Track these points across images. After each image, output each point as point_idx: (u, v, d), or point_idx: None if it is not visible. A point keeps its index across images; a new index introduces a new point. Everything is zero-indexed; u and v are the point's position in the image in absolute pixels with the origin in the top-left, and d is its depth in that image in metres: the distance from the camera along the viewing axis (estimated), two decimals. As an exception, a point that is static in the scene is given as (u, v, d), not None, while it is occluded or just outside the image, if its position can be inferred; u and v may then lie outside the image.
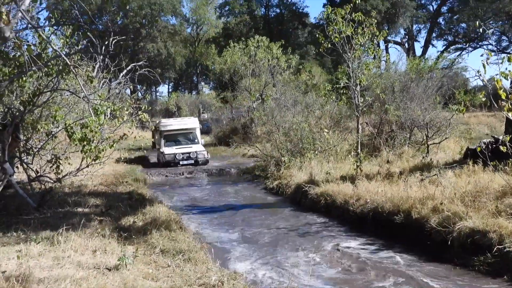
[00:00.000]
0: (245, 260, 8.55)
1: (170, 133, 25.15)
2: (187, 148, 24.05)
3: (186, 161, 23.29)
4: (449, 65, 31.01)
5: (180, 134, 25.42)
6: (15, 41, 7.63)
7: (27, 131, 11.59)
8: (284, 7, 61.38)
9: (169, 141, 24.73)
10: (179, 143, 24.75)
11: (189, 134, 25.65)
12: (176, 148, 23.94)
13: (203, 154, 23.73)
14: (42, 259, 6.80)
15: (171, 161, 23.28)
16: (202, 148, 24.24)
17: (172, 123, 26.25)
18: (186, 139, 25.34)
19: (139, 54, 53.45)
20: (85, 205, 11.43)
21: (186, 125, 25.86)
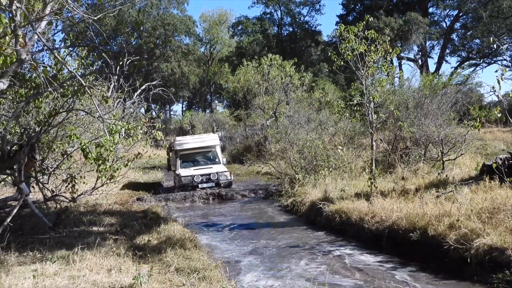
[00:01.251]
0: (260, 279, 8.49)
1: (187, 152, 22.14)
2: (207, 169, 21.11)
3: (206, 183, 20.31)
4: (463, 81, 30.85)
5: (198, 153, 22.47)
6: (31, 63, 7.75)
7: (42, 151, 11.73)
8: (296, 26, 61.79)
9: (186, 161, 21.89)
10: (197, 163, 21.94)
11: (208, 152, 22.74)
12: (194, 170, 21.02)
13: (225, 176, 20.73)
14: (57, 279, 6.82)
15: (188, 184, 20.28)
16: (224, 169, 21.26)
17: (188, 141, 22.79)
18: (205, 158, 22.47)
19: (153, 74, 54.00)
20: (100, 224, 11.47)
21: (204, 143, 22.61)
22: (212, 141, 22.70)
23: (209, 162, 22.13)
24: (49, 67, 9.85)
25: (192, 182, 20.19)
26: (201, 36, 71.45)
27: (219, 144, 22.92)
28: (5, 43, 6.31)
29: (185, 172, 20.84)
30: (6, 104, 11.36)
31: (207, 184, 20.24)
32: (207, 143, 22.58)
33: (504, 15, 44.70)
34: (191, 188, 20.00)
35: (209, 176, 20.45)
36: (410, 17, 45.03)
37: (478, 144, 20.13)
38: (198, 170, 20.87)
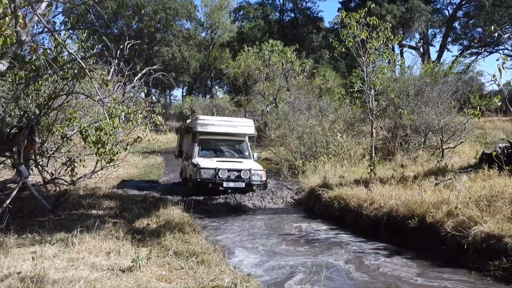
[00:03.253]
0: (256, 265, 8.53)
1: (210, 137, 16.86)
2: (236, 163, 15.67)
3: (234, 182, 15.03)
4: (465, 70, 30.71)
5: (224, 140, 17.18)
6: (31, 45, 7.72)
7: (42, 134, 11.72)
8: (298, 12, 61.41)
9: (206, 149, 16.68)
10: (221, 154, 16.76)
11: (237, 142, 17.36)
12: (218, 162, 15.53)
13: (259, 175, 15.39)
14: (56, 261, 6.85)
15: (210, 180, 14.93)
16: (259, 166, 15.88)
17: (214, 122, 17.02)
18: (232, 149, 17.24)
19: (153, 58, 53.80)
20: (99, 207, 11.50)
21: (235, 129, 16.98)
22: (246, 128, 17.10)
23: (237, 154, 16.93)
24: (49, 49, 9.82)
25: (215, 178, 14.86)
26: (202, 21, 71.18)
27: (253, 134, 17.53)
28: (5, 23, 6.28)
29: (206, 162, 15.40)
30: (6, 86, 11.35)
31: (234, 183, 14.99)
32: (239, 130, 16.98)
33: (507, 3, 44.39)
34: (213, 186, 14.93)
35: (240, 173, 15.10)
36: (413, 4, 44.74)
37: (477, 132, 20.13)
38: (224, 163, 15.42)
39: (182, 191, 16.13)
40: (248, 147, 17.16)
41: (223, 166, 15.10)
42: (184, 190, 16.27)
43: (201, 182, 14.84)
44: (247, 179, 15.03)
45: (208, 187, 14.83)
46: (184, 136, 19.06)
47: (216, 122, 16.87)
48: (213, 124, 16.60)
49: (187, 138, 18.31)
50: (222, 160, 15.78)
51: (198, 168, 15.00)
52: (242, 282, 6.47)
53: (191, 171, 15.66)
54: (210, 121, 16.88)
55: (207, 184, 14.83)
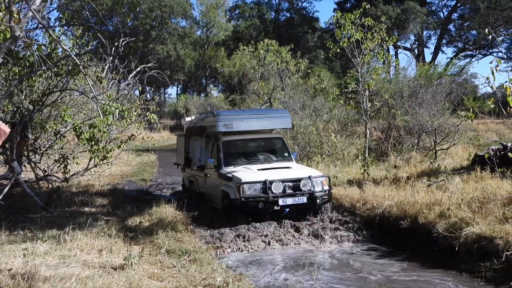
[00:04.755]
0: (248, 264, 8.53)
1: (238, 138, 12.55)
2: (286, 170, 11.35)
3: (292, 198, 10.61)
4: (459, 72, 30.86)
5: (256, 140, 12.93)
6: (26, 41, 7.68)
7: (35, 130, 11.67)
8: (294, 12, 61.47)
9: (234, 154, 12.37)
10: (255, 159, 12.34)
11: (273, 141, 13.14)
12: (261, 170, 11.28)
13: (321, 183, 11.00)
14: (48, 258, 6.84)
15: (258, 198, 10.49)
16: (316, 171, 11.75)
17: (243, 117, 12.42)
18: (267, 151, 12.85)
19: (148, 56, 53.67)
20: (92, 204, 11.48)
21: (270, 122, 12.54)
22: (282, 121, 12.63)
23: (275, 157, 12.56)
24: (43, 45, 9.77)
25: (266, 195, 10.35)
26: (197, 19, 71.00)
27: (291, 127, 13.33)
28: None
29: (246, 174, 10.96)
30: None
31: (293, 199, 10.56)
32: (274, 124, 12.65)
33: (501, 6, 44.59)
34: (263, 207, 10.44)
35: (299, 183, 10.70)
36: (408, 6, 44.86)
37: (471, 134, 20.22)
38: (271, 172, 11.01)
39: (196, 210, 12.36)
40: (286, 146, 12.90)
41: (274, 176, 10.63)
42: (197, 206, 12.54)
43: (246, 202, 10.31)
44: (309, 191, 10.57)
45: (256, 208, 10.42)
46: (192, 139, 14.00)
47: (244, 117, 12.29)
48: (241, 120, 12.07)
49: (198, 141, 13.47)
50: (263, 167, 11.44)
51: (239, 183, 10.38)
52: (234, 281, 6.47)
53: (224, 188, 11.01)
54: (236, 117, 12.25)
55: (256, 204, 10.36)
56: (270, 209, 10.43)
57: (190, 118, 15.09)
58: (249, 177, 10.69)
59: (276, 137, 13.20)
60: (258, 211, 10.54)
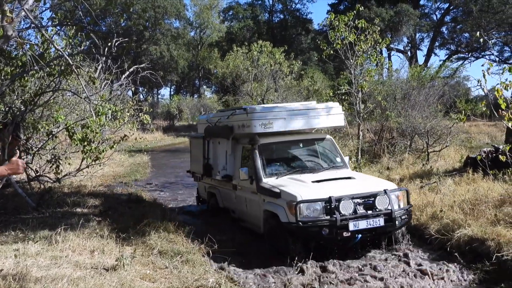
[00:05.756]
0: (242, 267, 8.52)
1: (279, 140, 10.04)
2: (353, 183, 8.73)
3: (367, 220, 7.93)
4: (451, 74, 31.02)
5: (299, 142, 10.27)
6: (18, 40, 7.65)
7: (27, 131, 11.62)
8: (287, 13, 61.57)
9: (274, 163, 9.81)
10: (303, 168, 9.70)
11: (321, 142, 10.38)
12: (316, 183, 8.71)
13: (396, 199, 8.38)
14: (39, 259, 6.80)
15: (321, 222, 7.81)
16: (389, 183, 9.13)
17: (285, 114, 9.61)
18: (315, 156, 10.21)
19: (141, 57, 53.56)
20: (84, 205, 11.42)
21: (318, 121, 9.97)
22: (333, 118, 9.99)
23: (326, 164, 9.97)
24: (35, 45, 9.74)
25: (333, 217, 7.79)
26: (191, 20, 71.02)
27: (343, 125, 10.99)
28: (-9, 19, 6.22)
29: (301, 189, 8.30)
30: (-9, 81, 11.23)
31: (367, 221, 7.96)
32: (323, 122, 9.98)
33: (494, 10, 44.85)
34: (329, 234, 7.82)
35: (372, 200, 8.16)
36: (401, 8, 45.05)
37: (463, 136, 20.31)
38: (330, 186, 8.49)
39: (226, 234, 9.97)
40: (337, 149, 10.25)
41: (340, 190, 8.07)
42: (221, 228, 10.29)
43: (304, 227, 7.75)
44: (386, 209, 8.01)
45: (318, 235, 7.80)
46: (213, 142, 11.35)
47: (287, 113, 9.53)
48: (283, 118, 9.45)
49: (222, 145, 10.84)
50: (317, 178, 8.83)
51: (295, 201, 7.81)
52: (227, 282, 6.47)
53: (268, 207, 8.57)
54: (276, 114, 9.48)
55: (318, 230, 7.73)
56: (337, 236, 7.71)
57: (207, 116, 12.21)
58: (306, 193, 7.96)
59: (323, 137, 10.29)
60: (321, 239, 7.89)
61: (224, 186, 10.79)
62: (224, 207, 11.00)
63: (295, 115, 9.59)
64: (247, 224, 9.87)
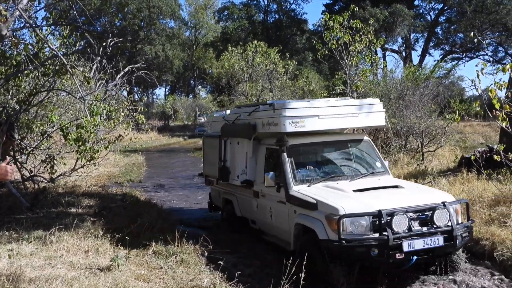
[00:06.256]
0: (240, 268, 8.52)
1: (311, 141, 8.59)
2: (403, 193, 7.23)
3: (423, 240, 6.41)
4: (446, 74, 31.16)
5: (333, 144, 8.84)
6: (12, 40, 7.63)
7: (22, 131, 11.59)
8: (282, 13, 61.70)
9: (305, 167, 8.34)
10: (339, 174, 8.22)
11: (357, 145, 8.88)
12: (358, 192, 7.19)
13: (454, 213, 6.81)
14: (33, 259, 6.78)
15: (369, 241, 6.33)
16: (446, 194, 7.35)
17: (319, 110, 8.14)
18: (351, 161, 8.74)
19: (136, 56, 53.47)
20: (78, 205, 11.39)
21: (356, 120, 8.46)
22: (374, 117, 8.68)
23: (365, 170, 8.55)
24: (30, 45, 9.71)
25: (385, 236, 6.28)
26: (186, 20, 71.05)
27: (384, 125, 9.81)
28: (-15, 18, 6.21)
29: (342, 199, 6.87)
30: (-15, 81, 11.20)
31: (424, 241, 6.45)
32: (364, 121, 8.71)
33: (487, 10, 45.05)
34: (378, 256, 6.31)
35: (429, 214, 6.65)
36: (396, 9, 45.19)
37: (457, 137, 20.39)
38: (376, 196, 7.08)
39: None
40: (377, 152, 8.85)
41: (390, 202, 6.71)
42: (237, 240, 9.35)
43: (348, 246, 6.36)
44: (446, 226, 6.61)
45: (366, 256, 6.40)
46: (231, 143, 10.01)
47: (322, 110, 8.18)
48: (317, 116, 8.08)
49: (242, 145, 9.53)
50: (359, 187, 7.43)
51: (336, 214, 6.49)
52: (221, 282, 6.47)
53: (300, 219, 7.23)
54: (309, 109, 8.13)
55: (366, 250, 6.36)
56: (389, 258, 6.31)
57: (224, 113, 10.76)
58: (350, 204, 6.61)
59: (361, 138, 8.93)
60: (368, 261, 6.47)
61: (243, 192, 9.45)
62: (242, 216, 9.69)
63: (331, 112, 8.21)
64: (272, 238, 8.57)
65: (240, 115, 9.68)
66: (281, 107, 8.05)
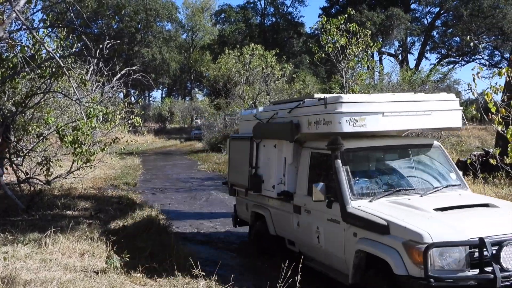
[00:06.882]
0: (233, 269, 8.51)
1: (373, 146, 6.84)
2: (503, 215, 5.46)
3: None
4: (442, 78, 31.23)
5: (399, 150, 7.03)
6: (9, 42, 7.62)
7: (18, 133, 11.56)
8: (279, 16, 61.83)
9: (365, 178, 6.62)
10: (407, 187, 6.47)
11: (427, 152, 7.10)
12: (444, 214, 5.49)
13: None
14: (29, 261, 6.76)
15: (467, 279, 4.76)
16: None
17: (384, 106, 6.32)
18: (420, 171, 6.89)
19: (133, 59, 53.52)
20: (74, 208, 11.37)
21: (428, 119, 6.60)
22: (450, 118, 6.81)
23: (438, 183, 6.72)
24: (27, 47, 9.70)
25: (492, 273, 4.67)
26: (183, 23, 71.12)
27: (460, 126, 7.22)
28: (-18, 20, 6.20)
29: (426, 222, 5.21)
30: (-19, 83, 11.18)
31: None
32: (438, 122, 6.75)
33: (484, 14, 45.26)
34: None
35: None
36: (392, 12, 45.37)
37: (453, 140, 20.44)
38: (468, 217, 5.43)
39: None
40: (450, 160, 7.16)
41: (490, 228, 5.14)
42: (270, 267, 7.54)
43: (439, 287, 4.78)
44: None
45: None
46: (264, 146, 8.37)
47: (387, 106, 6.44)
48: (380, 113, 6.39)
49: (279, 149, 7.86)
50: (440, 205, 5.83)
51: (420, 244, 4.90)
52: (217, 286, 6.46)
53: (363, 245, 5.67)
54: (371, 105, 6.38)
55: None
56: None
57: (255, 110, 9.07)
58: (437, 229, 5.07)
59: (430, 143, 7.21)
60: None
61: (280, 206, 7.81)
62: (277, 235, 8.00)
63: (398, 109, 6.45)
64: (319, 266, 6.91)
65: (277, 113, 7.96)
66: (336, 102, 6.30)
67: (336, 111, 6.23)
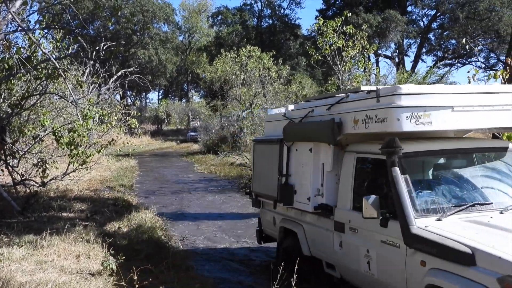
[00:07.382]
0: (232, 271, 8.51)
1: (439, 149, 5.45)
2: None
3: None
4: (438, 80, 31.30)
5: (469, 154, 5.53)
6: (4, 43, 7.61)
7: (13, 134, 11.53)
8: (276, 18, 61.91)
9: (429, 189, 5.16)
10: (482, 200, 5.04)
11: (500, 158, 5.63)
12: None
13: None
14: (24, 263, 6.74)
15: None
16: None
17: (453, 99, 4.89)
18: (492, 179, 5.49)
19: (130, 60, 53.44)
20: (70, 210, 11.35)
21: (506, 116, 5.11)
22: None
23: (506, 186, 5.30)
24: (22, 48, 9.68)
25: None
26: (180, 25, 71.08)
27: None
28: (-23, 21, 6.19)
29: None
30: (-23, 85, 11.16)
31: None
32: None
33: (480, 17, 45.42)
34: None
35: None
36: (389, 14, 45.47)
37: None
38: None
39: None
40: None
41: None
42: None
43: None
44: None
45: None
46: (297, 150, 6.92)
47: (458, 99, 4.98)
48: (450, 107, 4.91)
49: (316, 153, 6.43)
50: None
51: None
52: (213, 288, 6.46)
53: (439, 281, 4.19)
54: (438, 97, 4.93)
55: None
56: None
57: (285, 109, 7.53)
58: None
59: (505, 146, 5.80)
60: None
61: (317, 222, 6.46)
62: (312, 256, 6.52)
63: (472, 102, 5.07)
64: None
65: (312, 110, 6.58)
66: (393, 92, 4.92)
67: (393, 104, 4.87)
